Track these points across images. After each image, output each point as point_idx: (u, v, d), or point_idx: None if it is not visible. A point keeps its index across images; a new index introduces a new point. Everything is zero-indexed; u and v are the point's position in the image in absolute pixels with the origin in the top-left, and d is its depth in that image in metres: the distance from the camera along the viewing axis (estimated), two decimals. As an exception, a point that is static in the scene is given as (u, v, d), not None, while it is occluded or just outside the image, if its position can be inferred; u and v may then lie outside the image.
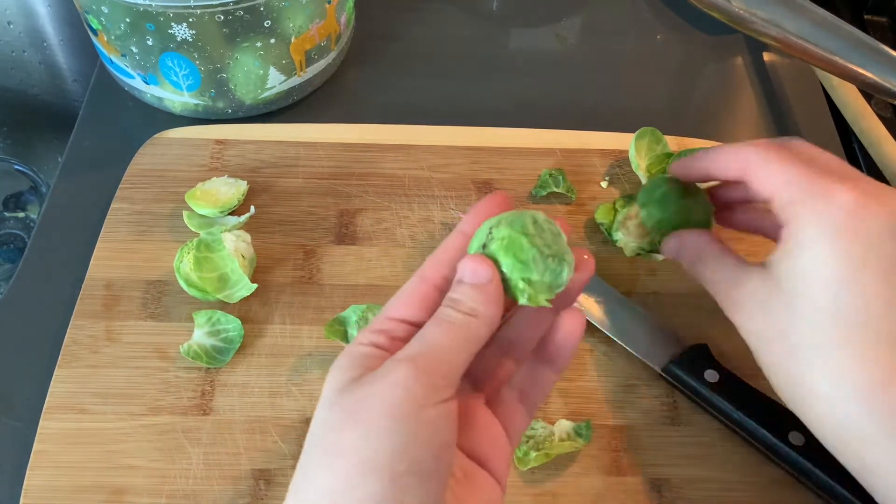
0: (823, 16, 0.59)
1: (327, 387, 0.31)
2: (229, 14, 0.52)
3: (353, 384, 0.30)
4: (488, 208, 0.35)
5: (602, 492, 0.45)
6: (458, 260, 0.33)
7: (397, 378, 0.29)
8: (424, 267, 0.34)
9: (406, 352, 0.30)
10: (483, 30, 0.72)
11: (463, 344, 0.31)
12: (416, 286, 0.33)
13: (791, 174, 0.35)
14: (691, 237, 0.42)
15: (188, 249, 0.51)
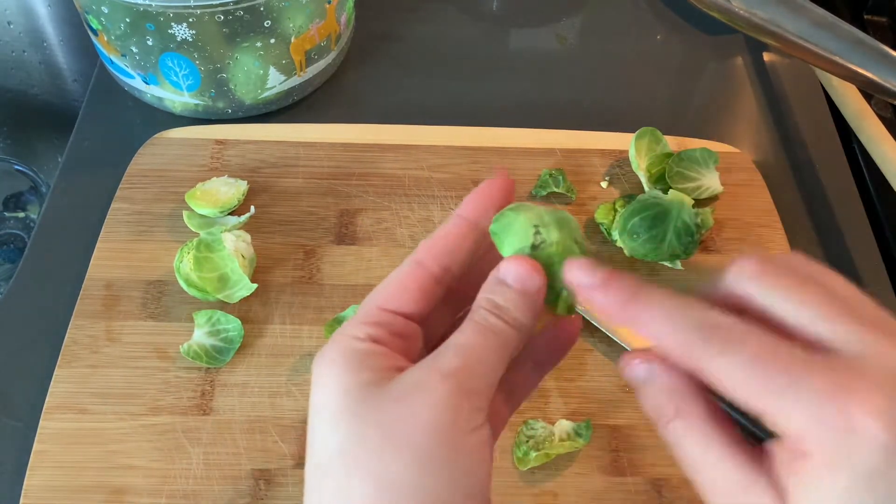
0: (823, 16, 0.59)
1: (330, 387, 0.27)
2: (229, 14, 0.52)
3: (374, 393, 0.26)
4: (493, 194, 0.31)
5: (602, 492, 0.45)
6: (458, 248, 0.30)
7: (441, 398, 0.25)
8: (420, 252, 0.30)
9: (444, 364, 0.26)
10: (483, 30, 0.72)
11: (504, 357, 0.28)
12: (412, 273, 0.29)
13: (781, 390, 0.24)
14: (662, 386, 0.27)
15: (188, 249, 0.51)
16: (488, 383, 0.27)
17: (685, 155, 0.57)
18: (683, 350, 0.25)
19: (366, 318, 0.29)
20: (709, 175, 0.57)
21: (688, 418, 0.26)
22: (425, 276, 0.29)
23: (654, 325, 0.26)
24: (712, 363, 0.25)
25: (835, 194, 0.62)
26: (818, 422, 0.23)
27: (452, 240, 0.30)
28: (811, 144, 0.65)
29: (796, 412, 0.23)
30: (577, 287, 0.28)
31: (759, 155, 0.64)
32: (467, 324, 0.28)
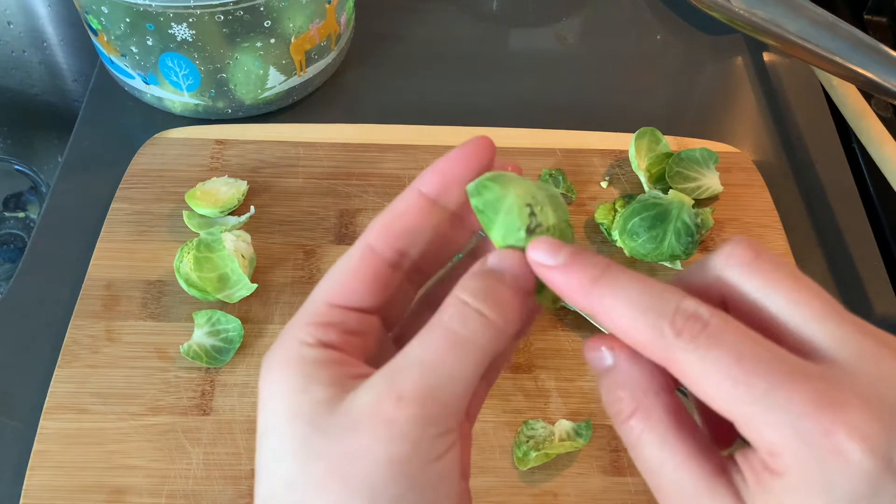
0: (823, 16, 0.59)
1: (275, 407, 0.23)
2: (229, 14, 0.52)
3: (324, 417, 0.23)
4: (463, 166, 0.26)
5: (602, 492, 0.45)
6: (417, 229, 0.26)
7: (397, 429, 0.22)
8: (372, 234, 0.26)
9: (404, 386, 0.22)
10: (483, 30, 0.72)
11: (481, 369, 0.23)
12: (364, 261, 0.26)
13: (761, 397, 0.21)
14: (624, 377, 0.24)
15: (188, 249, 0.51)
16: (460, 401, 0.23)
17: (685, 155, 0.57)
18: (650, 340, 0.22)
19: (313, 318, 0.25)
20: (709, 175, 0.57)
21: (647, 417, 0.23)
22: (379, 264, 0.26)
23: (618, 310, 0.22)
24: (682, 358, 0.21)
25: (835, 194, 0.62)
26: (798, 438, 0.20)
27: (410, 220, 0.26)
28: (811, 144, 0.65)
29: (774, 424, 0.20)
30: (537, 268, 0.24)
31: (759, 155, 0.64)
32: (435, 331, 0.23)
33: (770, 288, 0.23)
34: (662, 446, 0.23)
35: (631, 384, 0.23)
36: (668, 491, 0.23)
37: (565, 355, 0.50)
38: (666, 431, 0.23)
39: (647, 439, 0.23)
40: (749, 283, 0.23)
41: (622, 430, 0.24)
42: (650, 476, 0.23)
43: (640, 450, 0.23)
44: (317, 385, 0.23)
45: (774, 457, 0.21)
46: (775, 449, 0.21)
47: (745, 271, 0.23)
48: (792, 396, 0.20)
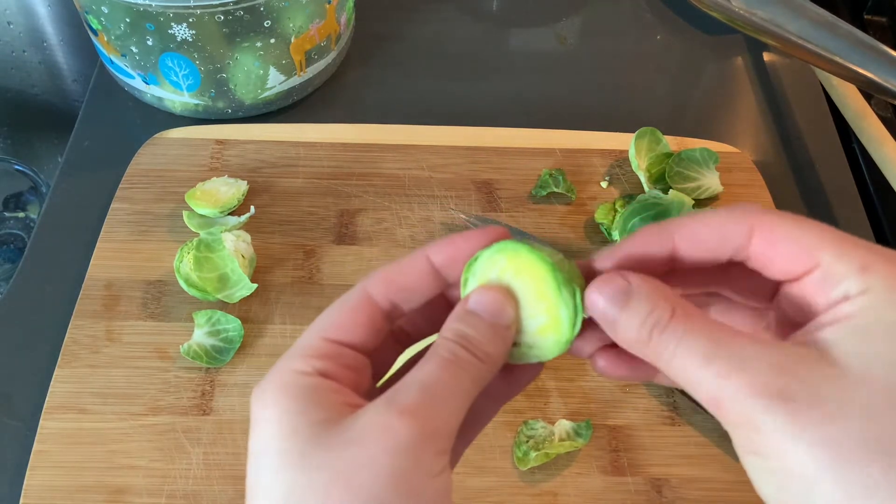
0: (823, 16, 0.59)
1: (273, 428, 0.24)
2: (229, 14, 0.52)
3: (326, 434, 0.23)
4: (471, 246, 0.27)
5: (602, 492, 0.45)
6: (415, 290, 0.27)
7: (401, 440, 0.23)
8: (373, 284, 0.27)
9: (405, 402, 0.23)
10: (483, 30, 0.72)
11: (472, 394, 0.25)
12: (361, 304, 0.27)
13: (839, 236, 0.24)
14: (650, 280, 0.25)
15: (188, 249, 0.51)
16: (453, 423, 0.24)
17: (685, 155, 0.57)
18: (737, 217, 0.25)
19: (312, 351, 0.26)
20: (709, 175, 0.57)
21: (686, 314, 0.24)
22: (374, 309, 0.27)
23: (698, 221, 0.26)
24: (769, 219, 0.24)
25: (835, 194, 0.62)
26: (878, 256, 0.23)
27: (412, 279, 0.27)
28: (811, 144, 0.65)
29: (855, 251, 0.23)
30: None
31: (759, 155, 0.64)
32: (431, 357, 0.25)
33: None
34: (712, 334, 0.23)
35: (656, 293, 0.24)
36: (737, 379, 0.22)
37: (565, 355, 0.50)
38: (709, 320, 0.24)
39: (696, 334, 0.23)
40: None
41: (660, 344, 0.24)
42: (705, 377, 0.23)
43: (685, 351, 0.23)
44: (316, 407, 0.24)
45: (865, 270, 0.23)
46: (864, 262, 0.23)
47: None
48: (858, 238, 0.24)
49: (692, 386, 0.23)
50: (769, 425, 0.21)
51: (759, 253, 0.25)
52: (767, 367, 0.22)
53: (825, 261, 0.23)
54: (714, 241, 0.25)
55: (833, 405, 0.21)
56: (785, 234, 0.24)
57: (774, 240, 0.24)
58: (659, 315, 0.24)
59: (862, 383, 0.21)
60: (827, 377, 0.22)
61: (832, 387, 0.21)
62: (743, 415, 0.22)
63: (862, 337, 0.22)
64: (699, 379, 0.23)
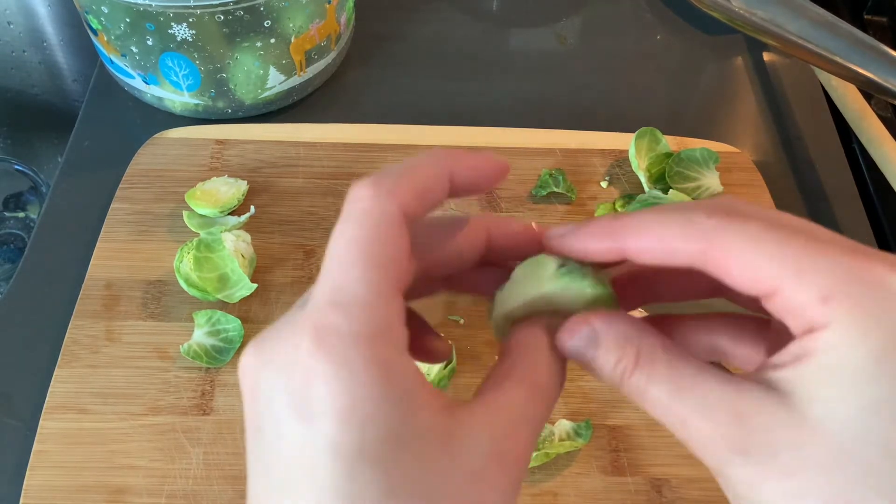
0: (823, 16, 0.59)
1: (359, 422, 0.20)
2: (229, 14, 0.52)
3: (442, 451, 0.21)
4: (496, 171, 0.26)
5: (602, 492, 0.45)
6: (435, 196, 0.24)
7: (516, 490, 0.22)
8: (402, 195, 0.23)
9: (519, 442, 0.23)
10: (483, 30, 0.72)
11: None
12: (402, 230, 0.23)
13: (803, 255, 0.21)
14: (615, 324, 0.24)
15: (188, 249, 0.51)
16: None
17: (685, 155, 0.57)
18: (684, 233, 0.23)
19: (393, 318, 0.22)
20: (709, 175, 0.57)
21: (651, 359, 0.23)
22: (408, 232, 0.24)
23: (648, 224, 0.23)
24: (721, 238, 0.22)
25: (835, 194, 0.62)
26: (842, 281, 0.20)
27: (434, 190, 0.24)
28: (811, 144, 0.65)
29: (815, 277, 0.21)
30: (558, 240, 0.26)
31: (759, 155, 0.64)
32: (537, 392, 0.24)
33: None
34: (663, 364, 0.23)
35: (620, 339, 0.24)
36: (699, 426, 0.22)
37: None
38: (674, 363, 0.23)
39: (659, 379, 0.23)
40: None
41: (630, 387, 0.23)
42: (673, 415, 0.22)
43: (653, 396, 0.23)
44: (423, 411, 0.21)
45: (825, 302, 0.20)
46: (826, 294, 0.20)
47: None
48: (827, 253, 0.21)
49: (666, 424, 0.23)
50: (732, 476, 0.21)
51: (719, 274, 0.23)
52: (727, 417, 0.21)
53: (785, 287, 0.21)
54: (664, 255, 0.23)
55: (790, 458, 0.20)
56: (741, 260, 0.22)
57: (730, 264, 0.22)
58: (625, 363, 0.23)
59: (820, 434, 0.20)
60: (786, 426, 0.20)
61: (790, 437, 0.20)
62: (709, 461, 0.22)
63: (823, 380, 0.20)
64: (668, 421, 0.23)
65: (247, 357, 0.22)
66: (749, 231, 0.22)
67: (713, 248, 0.22)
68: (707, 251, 0.22)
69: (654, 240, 0.23)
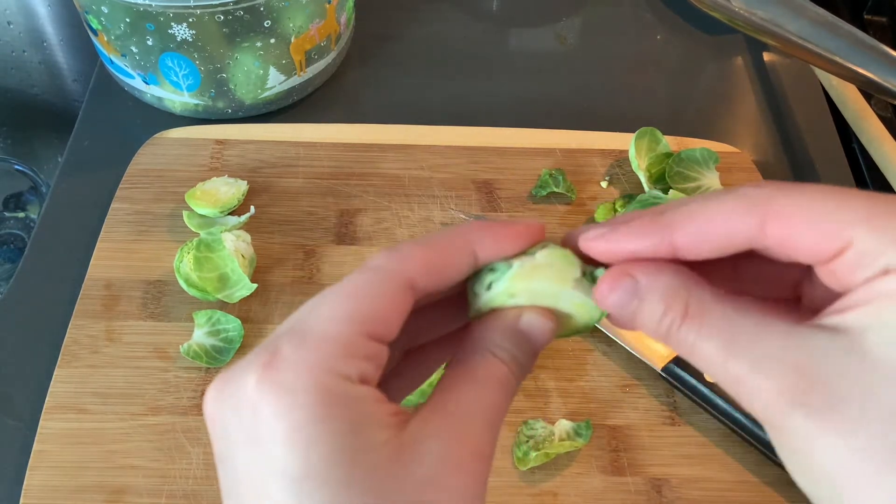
0: (823, 16, 0.59)
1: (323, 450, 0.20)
2: (229, 14, 0.52)
3: (395, 462, 0.21)
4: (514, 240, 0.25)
5: (602, 492, 0.45)
6: (454, 277, 0.25)
7: (478, 482, 0.22)
8: (413, 268, 0.24)
9: (478, 439, 0.23)
10: (483, 30, 0.72)
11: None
12: (404, 294, 0.23)
13: (866, 206, 0.21)
14: (660, 275, 0.23)
15: (188, 249, 0.51)
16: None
17: (685, 155, 0.57)
18: (739, 208, 0.22)
19: (352, 349, 0.22)
20: (709, 175, 0.57)
21: (701, 309, 0.22)
22: (412, 301, 0.24)
23: (701, 209, 0.23)
24: (778, 203, 0.21)
25: (835, 194, 0.62)
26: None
27: (453, 271, 0.25)
28: (811, 144, 0.65)
29: (890, 220, 0.20)
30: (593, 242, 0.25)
31: (759, 155, 0.64)
32: (489, 381, 0.24)
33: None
34: (729, 332, 0.22)
35: (668, 292, 0.23)
36: (757, 383, 0.21)
37: (565, 355, 0.50)
38: (729, 314, 0.22)
39: (711, 333, 0.22)
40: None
41: (678, 341, 0.23)
42: (728, 378, 0.22)
43: (705, 351, 0.22)
44: (372, 427, 0.21)
45: (884, 250, 0.20)
46: (881, 245, 0.20)
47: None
48: (885, 198, 0.21)
49: (717, 379, 0.22)
50: (791, 429, 0.20)
51: (778, 243, 0.22)
52: (787, 369, 0.20)
53: (858, 238, 0.20)
54: (720, 239, 0.22)
55: (858, 408, 0.19)
56: (805, 218, 0.21)
57: (793, 227, 0.21)
58: (672, 316, 0.22)
59: (893, 379, 0.19)
60: (853, 374, 0.19)
61: (858, 386, 0.19)
62: (765, 415, 0.21)
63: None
64: (721, 377, 0.22)
65: (209, 394, 0.23)
66: (807, 192, 0.21)
67: (772, 216, 0.21)
68: (766, 220, 0.21)
69: (707, 223, 0.22)
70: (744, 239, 0.22)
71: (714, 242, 0.22)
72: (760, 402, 0.21)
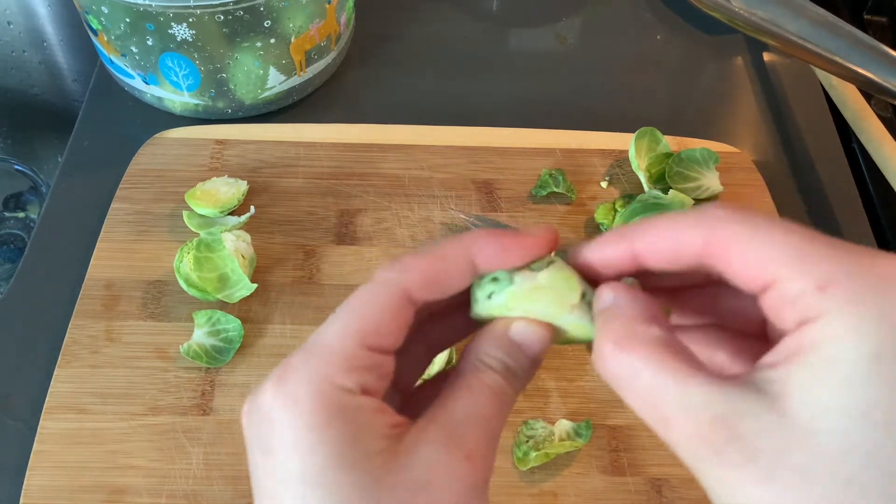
0: (823, 16, 0.59)
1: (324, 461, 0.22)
2: (229, 14, 0.52)
3: (385, 470, 0.22)
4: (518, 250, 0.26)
5: (602, 492, 0.45)
6: (453, 287, 0.25)
7: (468, 487, 0.22)
8: (411, 280, 0.25)
9: (469, 443, 0.23)
10: (483, 30, 0.72)
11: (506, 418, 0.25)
12: (401, 305, 0.24)
13: (803, 245, 0.21)
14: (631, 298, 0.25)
15: (188, 249, 0.51)
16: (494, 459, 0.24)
17: (685, 155, 0.57)
18: (693, 225, 0.23)
19: (352, 361, 0.23)
20: (709, 175, 0.57)
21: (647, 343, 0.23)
22: (411, 310, 0.25)
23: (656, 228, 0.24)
24: (726, 227, 0.22)
25: (835, 194, 0.62)
26: (842, 270, 0.20)
27: (452, 281, 0.25)
28: (811, 144, 0.65)
29: (814, 265, 0.20)
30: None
31: (759, 155, 0.64)
32: (480, 387, 0.24)
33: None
34: (650, 366, 0.23)
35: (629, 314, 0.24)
36: (680, 411, 0.22)
37: (565, 355, 0.50)
38: (668, 352, 0.23)
39: (649, 364, 0.23)
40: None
41: (619, 363, 0.24)
42: (657, 406, 0.23)
43: (642, 377, 0.24)
44: (369, 436, 0.22)
45: (822, 292, 0.20)
46: (823, 282, 0.20)
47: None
48: (834, 243, 0.21)
49: (642, 414, 0.24)
50: (710, 477, 0.21)
51: (719, 265, 0.22)
52: (710, 418, 0.21)
53: (781, 277, 0.21)
54: (671, 251, 0.23)
55: (770, 462, 0.19)
56: (739, 244, 0.22)
57: (729, 252, 0.22)
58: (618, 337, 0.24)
59: (804, 439, 0.19)
60: (769, 430, 0.20)
61: (773, 442, 0.19)
62: (687, 460, 0.22)
63: (813, 380, 0.19)
64: (647, 414, 0.24)
65: (243, 409, 0.24)
66: (753, 221, 0.22)
67: (715, 236, 0.22)
68: (710, 240, 0.22)
69: (660, 235, 0.24)
70: (692, 254, 0.23)
71: (666, 253, 0.24)
72: (683, 447, 0.22)
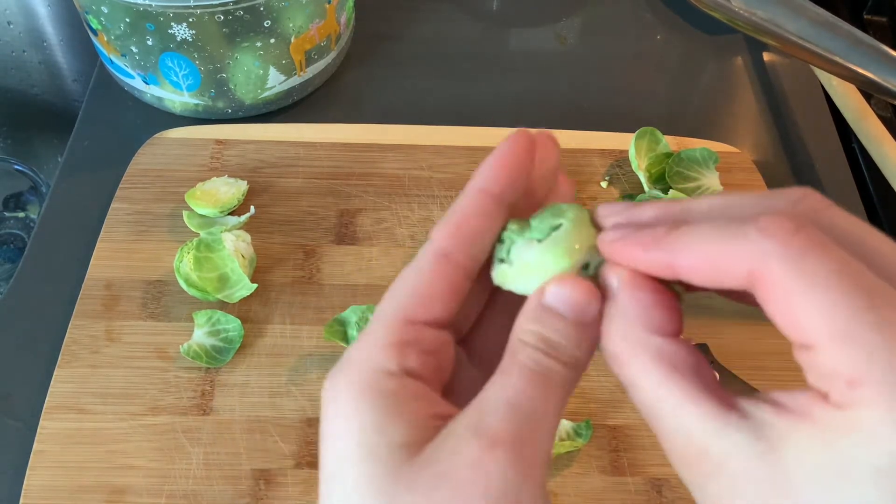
0: (823, 16, 0.59)
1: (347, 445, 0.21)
2: (229, 14, 0.52)
3: (407, 465, 0.20)
4: (521, 158, 0.25)
5: (602, 492, 0.45)
6: (486, 232, 0.24)
7: (496, 481, 0.20)
8: (442, 241, 0.23)
9: (493, 429, 0.20)
10: (483, 30, 0.72)
11: (562, 408, 0.22)
12: (440, 271, 0.23)
13: (854, 317, 0.18)
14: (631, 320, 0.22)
15: (188, 249, 0.51)
16: (548, 448, 0.21)
17: (685, 155, 0.57)
18: (733, 251, 0.20)
19: (393, 337, 0.22)
20: (709, 175, 0.57)
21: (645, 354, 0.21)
22: (455, 273, 0.23)
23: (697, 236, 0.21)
24: (772, 267, 0.19)
25: (835, 194, 0.61)
26: (881, 371, 0.17)
27: (477, 222, 0.24)
28: (811, 144, 0.65)
29: (855, 352, 0.18)
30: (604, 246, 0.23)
31: (759, 155, 0.64)
32: (511, 368, 0.22)
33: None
34: (664, 382, 0.21)
35: (630, 314, 0.22)
36: (672, 431, 0.21)
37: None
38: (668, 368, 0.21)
39: (647, 376, 0.21)
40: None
41: (618, 369, 0.22)
42: (652, 418, 0.21)
43: (640, 388, 0.21)
44: (396, 425, 0.21)
45: (853, 386, 0.18)
46: (858, 374, 0.18)
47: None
48: (883, 322, 0.18)
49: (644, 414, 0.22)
50: (691, 492, 0.21)
51: (757, 295, 0.20)
52: (696, 451, 0.20)
53: (818, 347, 0.19)
54: (713, 277, 0.21)
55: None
56: (786, 296, 0.19)
57: (773, 296, 0.19)
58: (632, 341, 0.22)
59: (793, 497, 0.18)
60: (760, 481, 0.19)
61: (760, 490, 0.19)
62: (677, 471, 0.21)
63: (816, 457, 0.18)
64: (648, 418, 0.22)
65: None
66: (804, 268, 0.19)
67: (763, 274, 0.19)
68: (755, 276, 0.20)
69: (702, 258, 0.21)
70: (734, 281, 0.21)
71: (710, 279, 0.21)
72: (670, 458, 0.21)
